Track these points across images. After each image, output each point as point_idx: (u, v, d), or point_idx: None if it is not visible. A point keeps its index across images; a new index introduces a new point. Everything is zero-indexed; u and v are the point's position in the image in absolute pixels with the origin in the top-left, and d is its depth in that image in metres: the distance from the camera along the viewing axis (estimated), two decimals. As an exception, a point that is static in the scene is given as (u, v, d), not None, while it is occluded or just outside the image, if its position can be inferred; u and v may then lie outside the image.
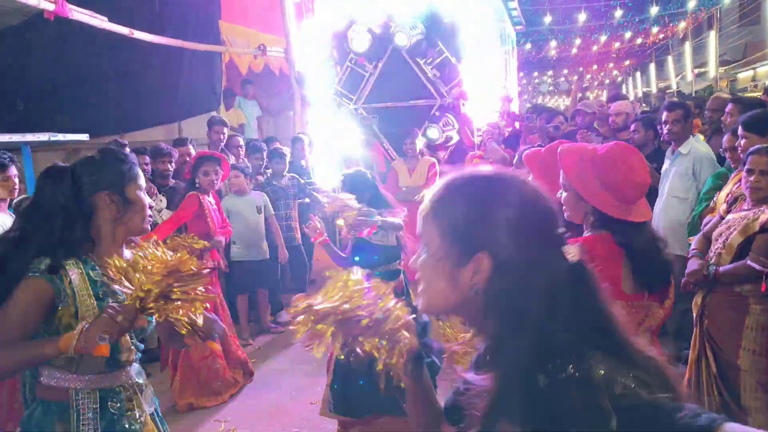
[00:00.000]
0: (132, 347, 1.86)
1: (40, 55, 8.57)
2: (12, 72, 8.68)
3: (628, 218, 1.86)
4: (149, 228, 1.95)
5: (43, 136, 4.90)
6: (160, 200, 5.09)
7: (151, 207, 1.94)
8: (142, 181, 1.91)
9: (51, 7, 5.06)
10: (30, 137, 4.79)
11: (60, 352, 1.60)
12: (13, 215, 3.81)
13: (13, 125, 7.03)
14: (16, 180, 3.68)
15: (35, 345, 1.66)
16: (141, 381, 1.90)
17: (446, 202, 0.97)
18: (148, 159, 5.14)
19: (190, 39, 7.70)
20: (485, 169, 1.00)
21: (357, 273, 1.14)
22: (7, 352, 1.62)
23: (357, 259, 3.35)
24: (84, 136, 5.53)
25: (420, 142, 5.85)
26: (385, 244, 3.37)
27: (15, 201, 4.43)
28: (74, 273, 1.72)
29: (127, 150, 4.71)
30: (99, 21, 5.75)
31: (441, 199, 0.98)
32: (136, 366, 1.90)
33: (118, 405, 1.79)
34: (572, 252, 0.93)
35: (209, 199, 4.34)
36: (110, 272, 1.66)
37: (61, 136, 5.29)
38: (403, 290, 3.53)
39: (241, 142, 6.27)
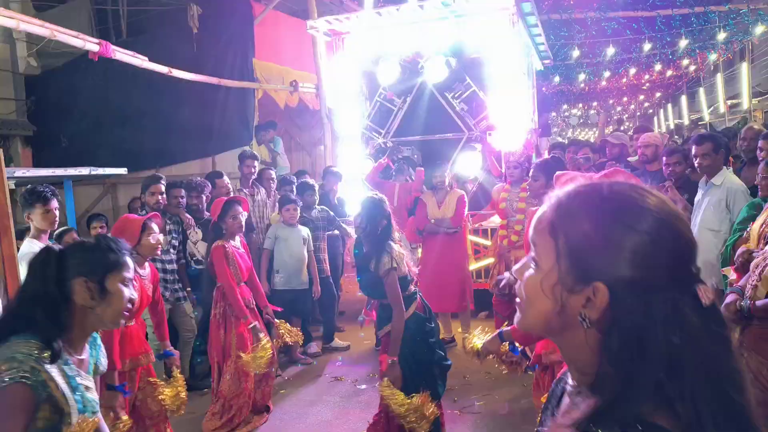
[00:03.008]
0: None
1: (83, 93, 8.99)
2: (57, 110, 9.11)
3: None
4: (123, 322, 1.91)
5: (84, 170, 5.11)
6: (196, 232, 5.23)
7: (132, 301, 1.86)
8: (128, 273, 1.86)
9: (96, 48, 5.32)
10: (72, 171, 5.00)
11: None
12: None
13: (56, 160, 7.36)
14: (57, 212, 3.83)
15: None
16: None
17: (569, 218, 0.85)
18: (183, 192, 5.29)
19: (225, 77, 7.98)
20: (619, 183, 0.86)
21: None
22: None
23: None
24: (123, 170, 5.73)
25: (449, 175, 5.89)
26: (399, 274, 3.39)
27: (56, 232, 4.62)
28: (54, 369, 1.62)
29: (163, 183, 4.88)
30: (140, 61, 6.01)
31: (562, 212, 0.86)
32: None
33: None
34: (708, 294, 0.79)
35: (235, 244, 4.35)
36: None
37: (101, 170, 5.51)
38: (425, 309, 3.53)
39: (273, 176, 6.43)
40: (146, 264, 3.45)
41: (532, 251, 0.90)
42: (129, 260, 1.88)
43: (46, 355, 1.62)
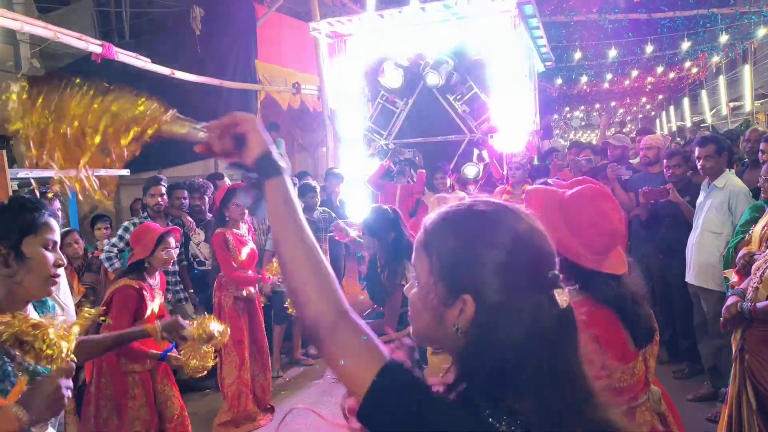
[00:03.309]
0: None
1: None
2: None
3: (599, 269, 1.63)
4: (50, 290, 1.69)
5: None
6: (198, 234, 5.24)
7: (60, 265, 1.67)
8: (51, 235, 1.66)
9: (98, 49, 5.34)
10: (74, 173, 5.00)
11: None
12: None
13: (59, 161, 7.35)
14: (60, 213, 3.85)
15: None
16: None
17: (437, 238, 0.94)
18: (186, 193, 5.30)
19: (228, 78, 7.99)
20: (482, 203, 0.95)
21: None
22: None
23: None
24: (125, 172, 5.73)
25: (450, 177, 5.90)
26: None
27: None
28: None
29: (164, 184, 4.88)
30: (143, 62, 6.02)
31: (432, 233, 0.95)
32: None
33: None
34: (563, 296, 0.89)
35: (239, 231, 4.40)
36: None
37: (103, 171, 5.51)
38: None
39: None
40: (157, 274, 3.45)
41: (415, 272, 0.98)
42: (51, 221, 1.68)
43: None
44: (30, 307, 1.74)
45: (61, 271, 1.71)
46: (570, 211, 1.66)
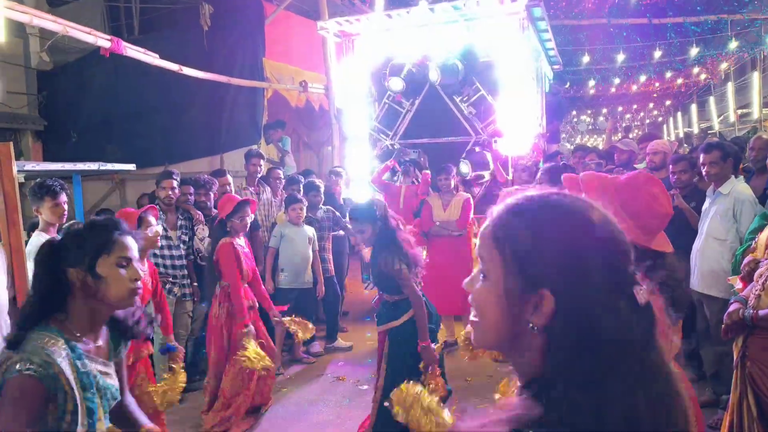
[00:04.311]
0: None
1: (94, 89, 9.06)
2: (68, 105, 9.17)
3: (650, 247, 1.79)
4: (135, 301, 1.80)
5: (93, 166, 5.13)
6: (203, 229, 5.27)
7: (137, 279, 1.77)
8: (125, 251, 1.76)
9: (107, 44, 5.37)
10: (81, 166, 5.02)
11: None
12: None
13: (66, 155, 7.39)
14: (66, 206, 3.86)
15: None
16: None
17: (511, 228, 0.88)
18: (192, 189, 5.33)
19: (235, 75, 8.01)
20: (555, 194, 0.91)
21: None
22: None
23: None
24: (131, 166, 5.76)
25: (454, 178, 5.90)
26: None
27: (64, 226, 4.65)
28: (64, 363, 1.59)
29: (176, 178, 4.91)
30: (151, 58, 6.05)
31: (504, 225, 0.90)
32: None
33: None
34: (643, 294, 0.85)
35: (239, 242, 4.37)
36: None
37: (110, 166, 5.53)
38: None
39: (281, 175, 6.45)
40: (144, 260, 3.47)
41: (480, 264, 0.93)
42: (124, 239, 1.78)
43: (59, 346, 1.60)
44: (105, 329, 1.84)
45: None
46: (626, 195, 1.79)
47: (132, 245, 1.79)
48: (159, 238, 3.61)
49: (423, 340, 3.39)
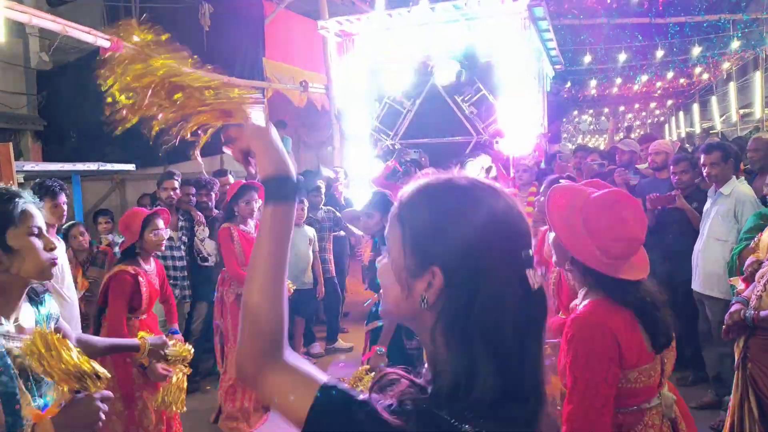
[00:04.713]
0: None
1: (94, 89, 9.01)
2: (68, 105, 9.16)
3: (616, 275, 1.66)
4: (51, 273, 1.70)
5: (92, 166, 5.13)
6: (203, 230, 5.24)
7: (52, 248, 1.67)
8: (32, 221, 1.64)
9: (107, 44, 5.35)
10: (80, 166, 5.02)
11: None
12: (61, 240, 3.98)
13: (65, 155, 7.38)
14: (65, 207, 3.85)
15: None
16: None
17: (411, 208, 0.92)
18: (193, 190, 5.30)
19: (236, 75, 8.00)
20: (462, 178, 0.94)
21: None
22: None
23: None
24: (131, 167, 5.75)
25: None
26: None
27: (64, 227, 4.64)
28: None
29: (177, 179, 4.89)
30: (150, 58, 6.02)
31: (407, 205, 0.93)
32: None
33: None
34: (536, 278, 0.88)
35: (246, 228, 4.37)
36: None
37: (109, 166, 5.53)
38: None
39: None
40: (151, 259, 3.44)
41: (387, 244, 0.97)
42: (29, 207, 1.65)
43: None
44: (27, 305, 1.73)
45: (65, 262, 1.72)
46: (589, 214, 1.68)
47: (38, 214, 1.68)
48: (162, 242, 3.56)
49: (382, 344, 3.31)
